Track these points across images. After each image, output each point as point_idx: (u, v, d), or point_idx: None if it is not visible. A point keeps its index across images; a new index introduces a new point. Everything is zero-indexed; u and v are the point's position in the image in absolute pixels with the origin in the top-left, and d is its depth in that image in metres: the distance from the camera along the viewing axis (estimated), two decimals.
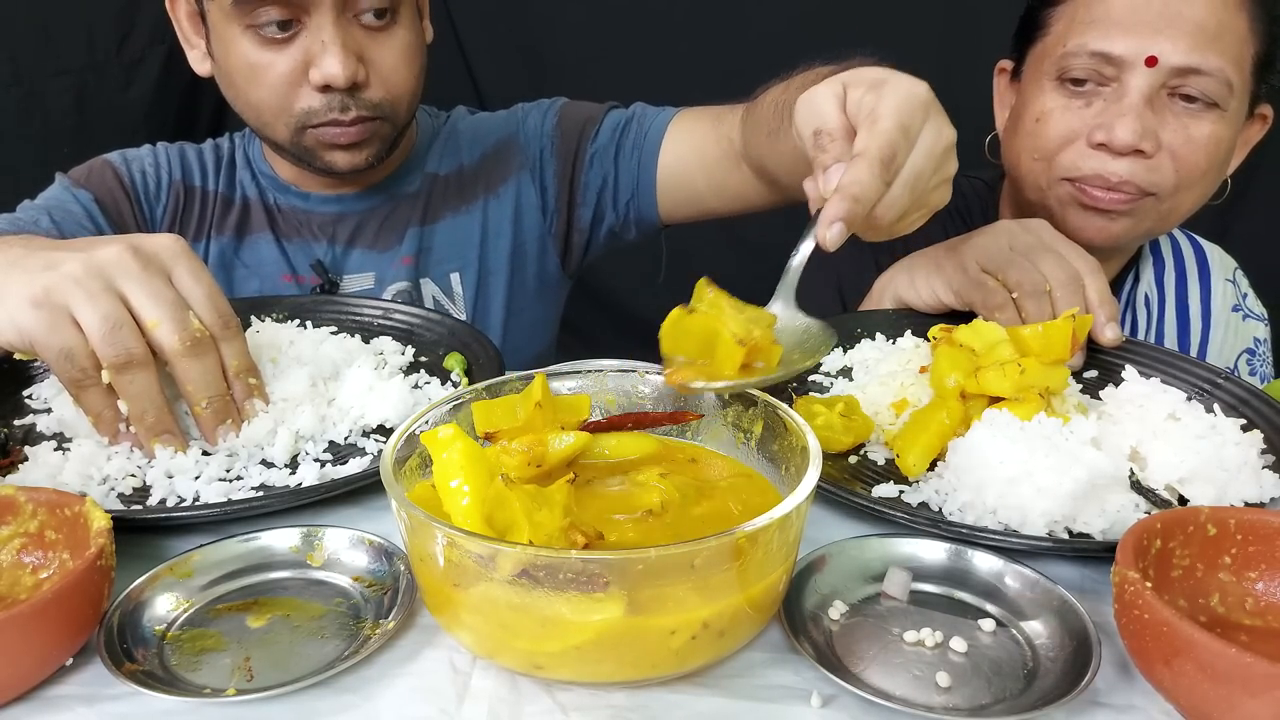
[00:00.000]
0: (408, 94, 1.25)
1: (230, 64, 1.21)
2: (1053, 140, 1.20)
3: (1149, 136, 1.14)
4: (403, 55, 1.22)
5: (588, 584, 0.56)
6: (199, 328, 0.84)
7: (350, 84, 1.17)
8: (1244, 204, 2.27)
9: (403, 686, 0.63)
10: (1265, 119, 1.25)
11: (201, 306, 0.85)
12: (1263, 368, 1.44)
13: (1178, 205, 1.20)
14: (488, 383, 0.78)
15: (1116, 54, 1.14)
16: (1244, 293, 1.45)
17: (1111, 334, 1.02)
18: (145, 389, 0.83)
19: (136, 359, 0.82)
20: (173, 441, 0.86)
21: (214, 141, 1.41)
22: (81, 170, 1.33)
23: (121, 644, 0.64)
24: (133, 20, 2.27)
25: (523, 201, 1.41)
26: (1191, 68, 1.12)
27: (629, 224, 1.42)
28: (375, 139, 1.24)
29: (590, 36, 2.46)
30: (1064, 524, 0.76)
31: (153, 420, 0.85)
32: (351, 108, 1.19)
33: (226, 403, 0.87)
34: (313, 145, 1.23)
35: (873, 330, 1.08)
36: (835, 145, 0.80)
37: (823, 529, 0.78)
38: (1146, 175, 1.16)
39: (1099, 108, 1.17)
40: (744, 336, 0.73)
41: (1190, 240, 1.45)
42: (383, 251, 1.36)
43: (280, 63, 1.17)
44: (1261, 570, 0.67)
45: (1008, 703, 0.60)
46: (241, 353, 0.88)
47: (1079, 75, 1.17)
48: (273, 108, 1.21)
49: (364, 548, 0.73)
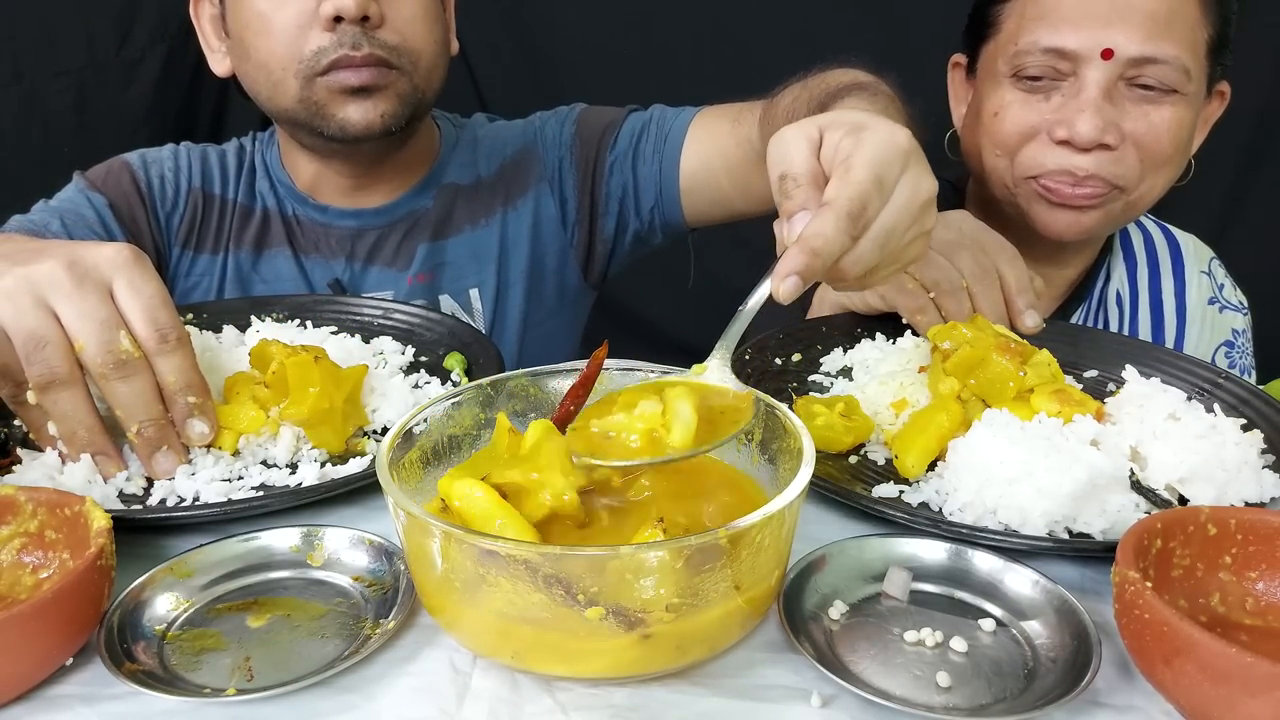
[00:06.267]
0: (426, 51, 1.22)
1: (242, 23, 1.20)
2: (1012, 135, 1.20)
3: (1111, 129, 1.14)
4: (421, 10, 1.21)
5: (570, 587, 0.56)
6: (127, 348, 0.78)
7: (362, 14, 1.14)
8: (1244, 204, 2.28)
9: (403, 686, 0.63)
10: (1224, 95, 1.25)
11: (137, 321, 0.80)
12: (1242, 359, 1.43)
13: (1146, 193, 1.20)
14: (489, 379, 0.78)
15: (1070, 49, 1.14)
16: (1220, 284, 1.43)
17: (1031, 321, 1.01)
18: (72, 409, 0.79)
19: (60, 378, 0.78)
20: (107, 463, 0.82)
21: (239, 142, 1.39)
22: (99, 171, 1.32)
23: (121, 644, 0.64)
24: (133, 20, 2.27)
25: (541, 214, 1.39)
26: (1147, 57, 1.12)
27: (654, 229, 1.40)
28: (391, 92, 1.20)
29: (591, 36, 2.46)
30: (1064, 524, 0.76)
31: (84, 440, 0.81)
32: (364, 45, 1.16)
33: (162, 427, 0.82)
34: (323, 99, 1.19)
35: (873, 330, 1.08)
36: (800, 192, 0.75)
37: (823, 529, 0.78)
38: (1113, 167, 1.16)
39: (1057, 102, 1.17)
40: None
41: (1164, 232, 1.44)
42: (402, 270, 1.34)
43: (291, 3, 1.16)
44: (1261, 570, 0.67)
45: (1008, 703, 0.60)
46: (180, 368, 0.81)
47: (1034, 72, 1.17)
48: (282, 57, 1.18)
49: (364, 547, 0.73)
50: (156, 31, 2.27)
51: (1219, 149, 1.29)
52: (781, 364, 1.03)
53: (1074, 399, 0.86)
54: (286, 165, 1.35)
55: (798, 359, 1.04)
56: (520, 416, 0.78)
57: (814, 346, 1.06)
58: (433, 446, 0.74)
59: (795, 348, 1.05)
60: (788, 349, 1.05)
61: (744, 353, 1.02)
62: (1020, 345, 0.91)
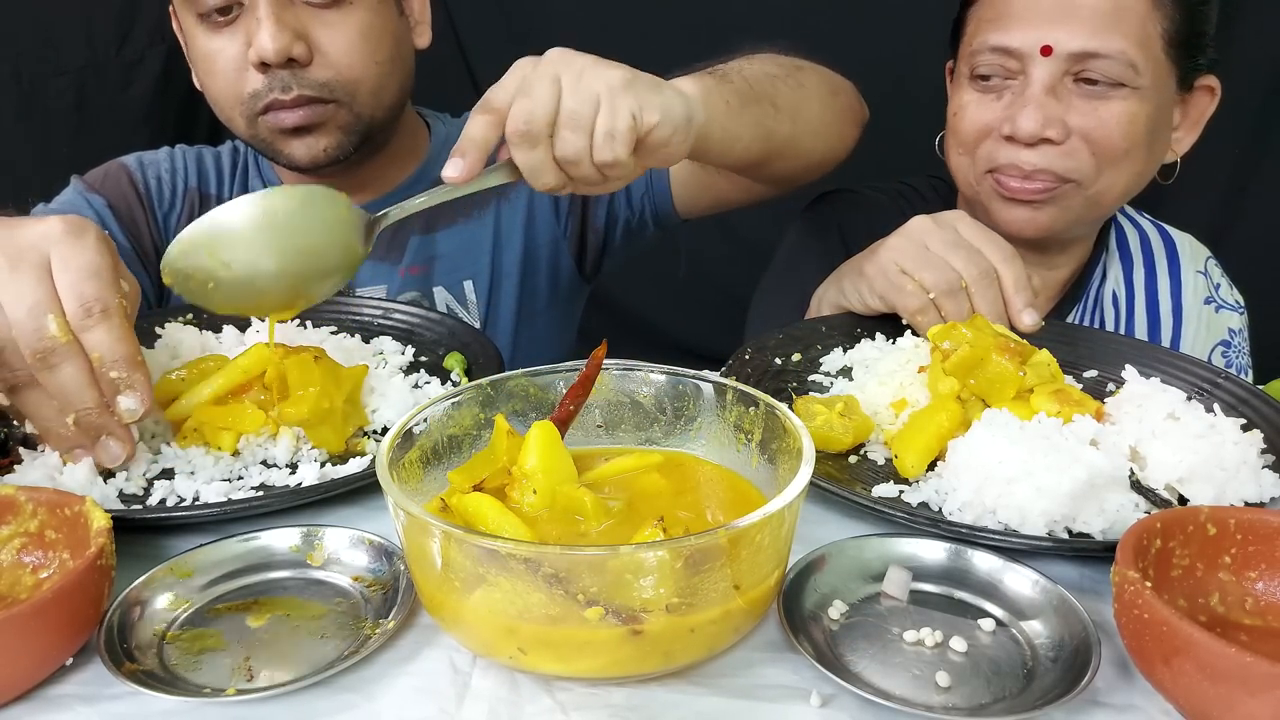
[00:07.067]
0: (366, 78, 1.21)
1: (193, 59, 1.22)
2: (969, 133, 1.23)
3: (1053, 124, 1.15)
4: (357, 36, 1.19)
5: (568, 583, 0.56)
6: (52, 334, 0.74)
7: (284, 59, 1.14)
8: (1242, 203, 2.28)
9: (403, 686, 0.63)
10: (1212, 90, 1.25)
11: (65, 298, 0.74)
12: (1239, 359, 1.42)
13: (1107, 189, 1.21)
14: (488, 379, 0.78)
15: (1014, 47, 1.16)
16: (1216, 283, 1.43)
17: (1029, 320, 1.01)
18: (43, 407, 0.78)
19: (23, 380, 0.76)
20: (100, 453, 0.80)
21: (233, 144, 1.40)
22: (97, 174, 1.33)
23: (121, 644, 0.64)
24: (133, 20, 2.27)
25: (535, 205, 1.39)
26: (1089, 52, 1.13)
27: (645, 219, 1.40)
28: (331, 126, 1.20)
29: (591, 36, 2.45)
30: (1064, 524, 0.76)
31: (63, 435, 0.79)
32: (293, 87, 1.16)
33: (101, 413, 0.77)
34: (267, 136, 1.21)
35: (873, 330, 1.08)
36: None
37: (823, 529, 0.78)
38: (1061, 162, 1.17)
39: (1007, 100, 1.19)
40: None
41: (1160, 231, 1.43)
42: (394, 264, 1.35)
43: (228, 47, 1.17)
44: (1261, 570, 0.67)
45: (1007, 702, 0.60)
46: (103, 341, 0.75)
47: (985, 72, 1.20)
48: (227, 97, 1.20)
49: (364, 547, 0.73)
50: (156, 31, 2.27)
51: (1218, 149, 1.29)
52: (781, 364, 1.03)
53: (1073, 399, 0.86)
54: (274, 166, 1.36)
55: (797, 359, 1.04)
56: (520, 416, 0.78)
57: (814, 346, 1.06)
58: (433, 446, 0.74)
59: (795, 348, 1.06)
60: (787, 349, 1.05)
61: (744, 352, 1.02)
62: (1020, 345, 0.91)
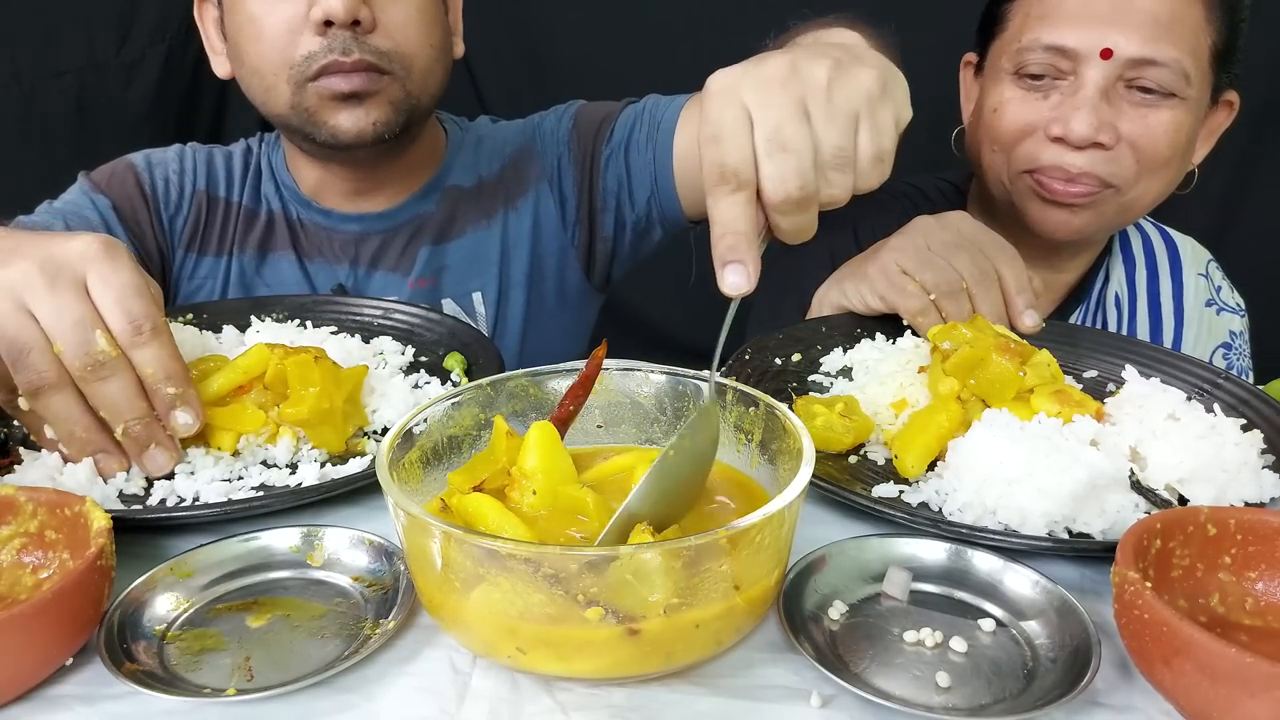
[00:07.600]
0: (421, 56, 1.21)
1: (236, 26, 1.20)
2: (1009, 131, 1.21)
3: (1106, 129, 1.14)
4: (416, 13, 1.19)
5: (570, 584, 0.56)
6: (103, 348, 0.77)
7: (352, 19, 1.13)
8: (1243, 206, 2.28)
9: (403, 686, 0.63)
10: (1232, 106, 1.25)
11: (110, 314, 0.77)
12: (1239, 361, 1.43)
13: (1141, 195, 1.21)
14: (488, 379, 0.78)
15: (1070, 47, 1.15)
16: (1218, 286, 1.44)
17: (1030, 321, 1.02)
18: (65, 411, 0.78)
19: (48, 383, 0.77)
20: (109, 461, 0.81)
21: (245, 143, 1.39)
22: (103, 173, 1.31)
23: (121, 644, 0.64)
24: (133, 20, 2.27)
25: (541, 213, 1.38)
26: (1147, 59, 1.13)
27: (652, 222, 1.37)
28: (383, 99, 1.19)
29: (591, 36, 2.46)
30: (1064, 524, 0.76)
31: (83, 440, 0.80)
32: (354, 50, 1.15)
33: (149, 424, 0.80)
34: (314, 105, 1.18)
35: (873, 330, 1.08)
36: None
37: (823, 529, 0.78)
38: (1106, 167, 1.16)
39: (1055, 100, 1.18)
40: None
41: (1161, 233, 1.44)
42: (404, 275, 1.34)
43: (281, 8, 1.16)
44: (1261, 570, 0.67)
45: (1007, 703, 0.60)
46: (157, 358, 0.79)
47: (1035, 70, 1.19)
48: (274, 62, 1.17)
49: (364, 547, 0.73)
50: (156, 32, 2.27)
51: (1218, 150, 1.29)
52: (781, 364, 1.03)
53: (1074, 399, 0.86)
54: (291, 168, 1.35)
55: (798, 359, 1.04)
56: (520, 417, 0.78)
57: (814, 347, 1.06)
58: (433, 447, 0.74)
59: (795, 348, 1.06)
60: (787, 349, 1.05)
61: (744, 352, 1.02)
62: (1020, 345, 0.91)
